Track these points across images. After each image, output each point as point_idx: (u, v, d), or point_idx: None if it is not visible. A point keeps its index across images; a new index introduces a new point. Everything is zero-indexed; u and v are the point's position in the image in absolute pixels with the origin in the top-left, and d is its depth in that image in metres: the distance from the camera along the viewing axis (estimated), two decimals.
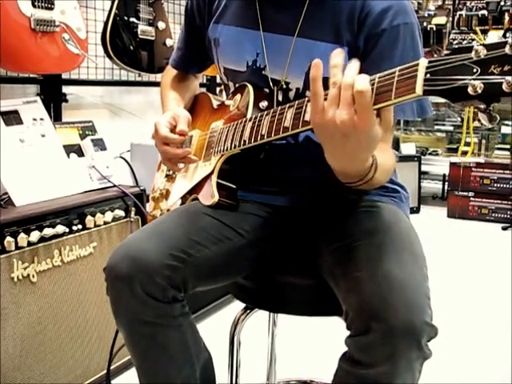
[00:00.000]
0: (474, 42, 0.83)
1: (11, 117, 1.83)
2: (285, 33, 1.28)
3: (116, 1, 2.55)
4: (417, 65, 0.87)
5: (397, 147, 4.92)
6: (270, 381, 1.72)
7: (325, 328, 1.82)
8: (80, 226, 1.80)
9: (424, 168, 4.93)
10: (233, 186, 1.31)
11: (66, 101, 2.50)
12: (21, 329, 1.65)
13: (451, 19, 5.02)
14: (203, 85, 3.56)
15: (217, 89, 3.61)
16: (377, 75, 0.94)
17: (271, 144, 1.22)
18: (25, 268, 1.64)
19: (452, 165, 4.65)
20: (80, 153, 1.99)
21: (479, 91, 0.82)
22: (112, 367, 1.77)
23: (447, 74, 0.85)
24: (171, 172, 1.54)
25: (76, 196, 1.87)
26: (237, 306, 1.44)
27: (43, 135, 1.89)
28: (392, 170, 1.23)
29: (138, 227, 1.99)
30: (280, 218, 1.38)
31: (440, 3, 5.11)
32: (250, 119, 1.22)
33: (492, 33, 4.74)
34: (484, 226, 4.43)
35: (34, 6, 1.93)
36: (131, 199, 1.98)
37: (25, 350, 1.66)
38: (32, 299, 1.68)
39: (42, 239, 1.68)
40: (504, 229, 4.33)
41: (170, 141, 1.32)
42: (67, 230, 1.76)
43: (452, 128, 5.20)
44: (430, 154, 5.05)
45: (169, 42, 2.77)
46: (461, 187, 4.54)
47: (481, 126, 4.95)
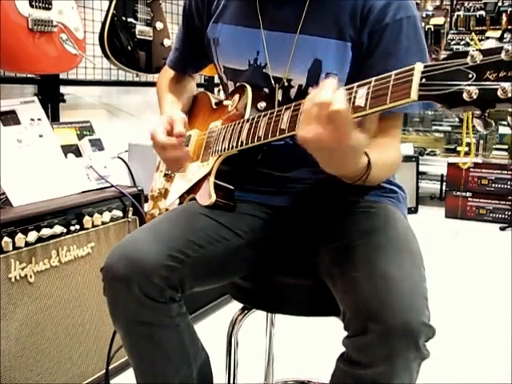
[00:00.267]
0: (470, 48, 0.83)
1: (9, 117, 1.83)
2: (286, 30, 1.28)
3: (114, 1, 2.55)
4: (412, 69, 0.88)
5: None
6: (268, 381, 1.72)
7: (322, 328, 1.82)
8: (78, 227, 1.80)
9: (422, 168, 4.93)
10: (230, 187, 1.31)
11: (64, 101, 2.50)
12: (18, 329, 1.64)
13: (449, 20, 5.02)
14: (201, 85, 3.56)
15: (215, 89, 3.61)
16: (373, 78, 0.94)
17: (269, 144, 1.22)
18: (22, 268, 1.64)
19: (450, 165, 4.65)
20: (78, 153, 1.99)
21: (474, 97, 0.82)
22: (110, 367, 1.77)
23: (443, 79, 0.85)
24: (170, 171, 1.54)
25: (74, 196, 1.87)
26: (234, 307, 1.44)
27: (41, 135, 1.89)
28: (396, 165, 1.24)
29: (136, 227, 1.99)
30: (278, 219, 1.38)
31: (438, 4, 5.12)
32: (248, 120, 1.22)
33: (490, 33, 4.74)
34: (482, 227, 4.43)
35: (32, 6, 1.93)
36: (129, 199, 1.98)
37: (22, 351, 1.66)
38: (29, 300, 1.67)
39: (40, 239, 1.68)
40: (502, 229, 4.33)
41: (169, 146, 1.32)
42: (65, 231, 1.75)
43: (450, 128, 5.20)
44: (428, 155, 5.05)
45: (167, 42, 2.77)
46: (458, 187, 4.54)
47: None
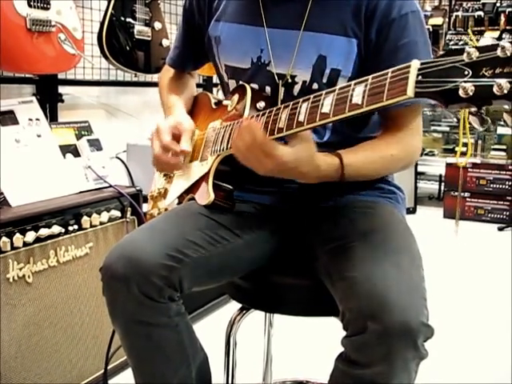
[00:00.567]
0: (467, 45, 0.84)
1: (7, 117, 1.82)
2: (290, 27, 1.28)
3: (112, 1, 2.55)
4: (409, 66, 0.88)
5: None
6: (266, 381, 1.72)
7: (321, 328, 1.82)
8: (76, 227, 1.80)
9: (420, 168, 4.93)
10: (229, 187, 1.31)
11: (62, 101, 2.50)
12: (16, 329, 1.64)
13: (447, 20, 5.03)
14: (200, 85, 3.55)
15: (213, 89, 3.61)
16: (370, 76, 0.95)
17: None
18: (20, 268, 1.64)
19: (448, 165, 4.65)
20: (76, 153, 1.99)
21: (470, 94, 0.82)
22: (108, 367, 1.77)
23: (439, 76, 0.85)
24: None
25: (72, 196, 1.86)
26: (233, 307, 1.44)
27: (39, 135, 1.89)
28: (399, 158, 1.26)
29: (134, 227, 1.98)
30: (276, 219, 1.38)
31: (436, 4, 5.12)
32: (246, 119, 1.21)
33: (488, 34, 4.74)
34: (480, 227, 4.43)
35: (30, 6, 1.93)
36: (127, 199, 1.98)
37: (20, 351, 1.66)
38: (28, 300, 1.67)
39: (38, 239, 1.68)
40: (500, 229, 4.34)
41: (170, 150, 1.33)
42: (63, 231, 1.75)
43: (448, 129, 5.20)
44: (427, 155, 5.05)
45: (165, 43, 2.76)
46: (456, 188, 4.54)
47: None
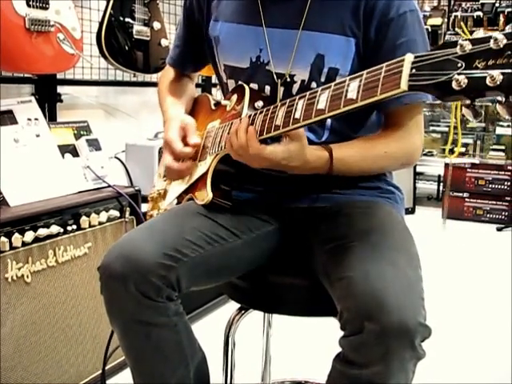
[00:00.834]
0: (460, 38, 0.84)
1: (6, 117, 1.83)
2: (289, 26, 1.29)
3: (111, 1, 2.55)
4: (402, 60, 0.89)
5: None
6: (265, 381, 1.72)
7: (319, 328, 1.82)
8: (75, 227, 1.80)
9: (419, 169, 4.94)
10: (227, 187, 1.31)
11: (61, 101, 2.50)
12: (15, 329, 1.64)
13: (446, 20, 5.03)
14: (199, 85, 3.55)
15: (212, 89, 3.61)
16: (365, 71, 0.96)
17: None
18: (19, 268, 1.64)
19: (447, 166, 4.65)
20: (75, 153, 1.99)
21: (463, 86, 0.83)
22: (107, 367, 1.77)
23: (432, 69, 0.86)
24: (168, 178, 1.54)
25: (71, 196, 1.86)
26: (231, 307, 1.44)
27: (38, 135, 1.89)
28: (393, 155, 1.28)
29: (133, 227, 1.98)
30: (275, 218, 1.38)
31: (435, 4, 5.12)
32: None
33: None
34: (479, 227, 4.44)
35: (29, 6, 1.93)
36: (126, 199, 1.98)
37: (19, 351, 1.66)
38: (26, 300, 1.67)
39: (37, 239, 1.68)
40: (499, 230, 4.34)
41: (186, 155, 1.34)
42: (62, 231, 1.75)
43: (447, 129, 5.20)
44: (425, 155, 5.05)
45: (164, 43, 2.76)
46: (456, 188, 4.54)
47: (476, 127, 4.97)
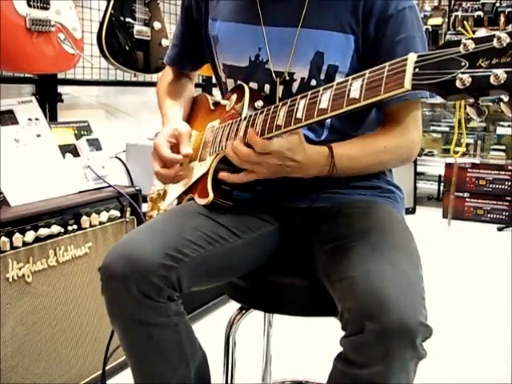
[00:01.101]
0: (463, 37, 0.84)
1: (6, 116, 1.83)
2: (287, 25, 1.29)
3: (112, 1, 2.55)
4: (406, 59, 0.89)
5: None
6: (266, 381, 1.72)
7: (320, 328, 1.82)
8: (75, 226, 1.80)
9: (420, 169, 4.93)
10: (228, 187, 1.31)
11: (62, 101, 2.50)
12: (15, 329, 1.64)
13: (447, 20, 5.03)
14: (199, 85, 3.56)
15: (212, 89, 3.61)
16: (367, 70, 0.96)
17: None
18: (20, 268, 1.64)
19: (448, 165, 4.65)
20: (75, 153, 1.99)
21: (467, 84, 0.83)
22: (107, 367, 1.77)
23: (436, 68, 0.86)
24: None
25: (71, 196, 1.86)
26: (232, 307, 1.44)
27: (38, 135, 1.89)
28: (391, 151, 1.28)
29: (134, 227, 1.98)
30: (275, 218, 1.38)
31: (436, 4, 5.12)
32: (245, 118, 1.22)
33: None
34: (479, 227, 4.43)
35: (30, 6, 1.93)
36: (126, 199, 1.98)
37: (19, 351, 1.66)
38: (27, 299, 1.67)
39: (37, 239, 1.68)
40: (499, 229, 4.34)
41: (173, 162, 1.33)
42: (62, 230, 1.75)
43: (448, 129, 5.20)
44: (426, 155, 5.06)
45: (164, 42, 2.76)
46: (456, 188, 4.54)
47: (476, 127, 4.97)
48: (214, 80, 1.59)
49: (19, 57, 1.95)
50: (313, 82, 1.29)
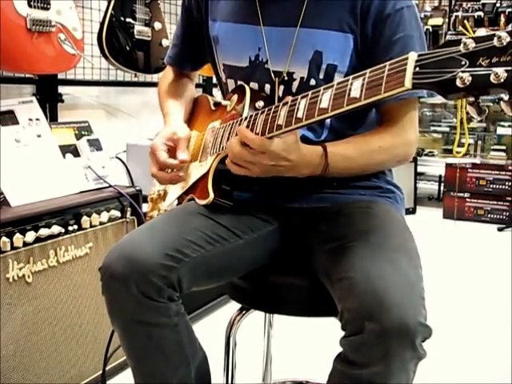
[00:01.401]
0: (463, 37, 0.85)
1: (7, 117, 1.83)
2: (286, 25, 1.29)
3: (112, 1, 2.55)
4: (406, 59, 0.89)
5: None
6: (266, 381, 1.72)
7: (320, 329, 1.82)
8: (76, 227, 1.80)
9: (420, 169, 4.93)
10: (228, 187, 1.31)
11: (62, 101, 2.50)
12: (16, 329, 1.64)
13: (447, 20, 5.03)
14: (199, 85, 3.56)
15: (213, 89, 3.61)
16: (368, 70, 0.96)
17: None
18: (20, 268, 1.64)
19: (448, 166, 4.65)
20: (76, 153, 1.99)
21: (467, 83, 0.83)
22: (107, 368, 1.77)
23: (436, 67, 0.86)
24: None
25: (72, 196, 1.86)
26: (233, 307, 1.44)
27: (39, 135, 1.89)
28: (387, 150, 1.28)
29: (134, 228, 1.98)
30: (276, 218, 1.38)
31: (436, 4, 5.12)
32: (246, 118, 1.22)
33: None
34: (480, 227, 4.43)
35: (30, 6, 1.93)
36: (127, 199, 1.98)
37: (20, 351, 1.66)
38: (27, 300, 1.67)
39: (38, 239, 1.68)
40: (500, 230, 4.34)
41: (169, 166, 1.34)
42: (63, 231, 1.75)
43: (448, 129, 5.20)
44: (426, 155, 5.06)
45: (165, 43, 2.77)
46: (457, 188, 4.54)
47: (477, 128, 4.97)
48: (215, 80, 1.59)
49: (20, 57, 1.95)
50: (312, 82, 1.29)
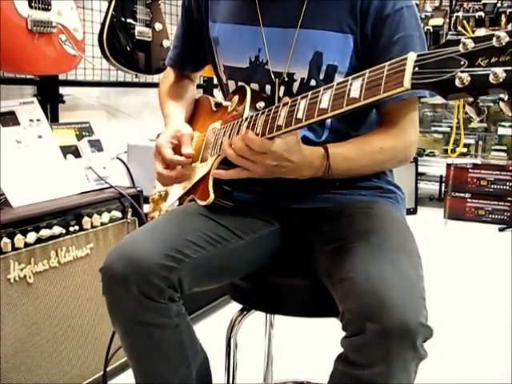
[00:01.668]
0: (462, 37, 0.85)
1: (8, 118, 1.83)
2: (286, 25, 1.29)
3: (113, 2, 2.55)
4: (405, 59, 0.89)
5: None
6: (267, 381, 1.72)
7: (321, 329, 1.82)
8: (77, 227, 1.80)
9: (421, 169, 4.93)
10: (229, 189, 1.32)
11: (63, 102, 2.51)
12: (17, 330, 1.64)
13: (448, 20, 5.03)
14: (200, 86, 3.56)
15: (214, 90, 3.61)
16: (367, 70, 0.96)
17: None
18: (21, 269, 1.64)
19: (449, 166, 4.65)
20: (77, 154, 1.99)
21: (466, 83, 0.83)
22: (108, 368, 1.77)
23: (435, 67, 0.86)
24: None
25: (73, 197, 1.87)
26: (234, 308, 1.44)
27: (40, 136, 1.89)
28: (388, 151, 1.28)
29: (135, 228, 1.99)
30: (276, 219, 1.38)
31: (437, 4, 5.12)
32: (246, 119, 1.22)
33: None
34: (481, 228, 4.43)
35: (31, 7, 1.93)
36: (128, 200, 1.98)
37: (21, 351, 1.66)
38: (28, 300, 1.67)
39: (39, 240, 1.68)
40: (501, 230, 4.33)
41: (175, 163, 1.34)
42: (64, 231, 1.75)
43: (449, 129, 5.20)
44: (427, 156, 5.06)
45: (166, 43, 2.77)
46: (457, 188, 4.53)
47: (477, 128, 4.97)
48: (216, 81, 1.59)
49: (21, 58, 1.95)
50: (312, 82, 1.29)
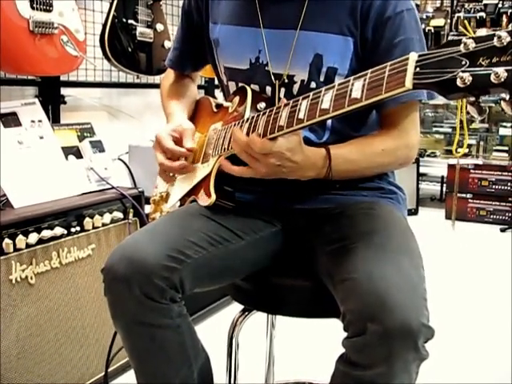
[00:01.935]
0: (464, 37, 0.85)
1: (9, 118, 1.83)
2: (286, 27, 1.29)
3: (114, 3, 2.56)
4: (407, 59, 0.89)
5: None
6: (268, 382, 1.72)
7: (323, 330, 1.82)
8: (78, 228, 1.80)
9: (422, 170, 4.93)
10: (230, 188, 1.32)
11: (65, 103, 2.51)
12: (19, 331, 1.64)
13: (449, 21, 5.03)
14: (201, 87, 3.56)
15: (215, 91, 3.62)
16: (369, 70, 0.97)
17: None
18: (23, 270, 1.64)
19: (450, 166, 4.65)
20: (78, 155, 1.99)
21: (468, 83, 0.83)
22: (110, 369, 1.77)
23: (436, 67, 0.86)
24: (171, 175, 1.54)
25: (74, 198, 1.87)
26: (235, 308, 1.44)
27: (41, 137, 1.89)
28: (389, 153, 1.28)
29: (136, 229, 1.99)
30: (278, 220, 1.38)
31: (438, 5, 5.12)
32: (247, 120, 1.22)
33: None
34: (482, 228, 4.43)
35: (33, 8, 1.93)
36: (129, 201, 1.98)
37: (22, 352, 1.66)
38: (30, 301, 1.68)
39: (41, 241, 1.68)
40: (502, 230, 4.33)
41: (175, 154, 1.34)
42: (65, 232, 1.76)
43: (450, 130, 5.20)
44: (429, 156, 5.06)
45: (167, 44, 2.77)
46: (459, 189, 4.53)
47: (479, 128, 4.97)
48: (217, 82, 1.59)
49: (22, 59, 1.95)
50: (312, 85, 1.29)
